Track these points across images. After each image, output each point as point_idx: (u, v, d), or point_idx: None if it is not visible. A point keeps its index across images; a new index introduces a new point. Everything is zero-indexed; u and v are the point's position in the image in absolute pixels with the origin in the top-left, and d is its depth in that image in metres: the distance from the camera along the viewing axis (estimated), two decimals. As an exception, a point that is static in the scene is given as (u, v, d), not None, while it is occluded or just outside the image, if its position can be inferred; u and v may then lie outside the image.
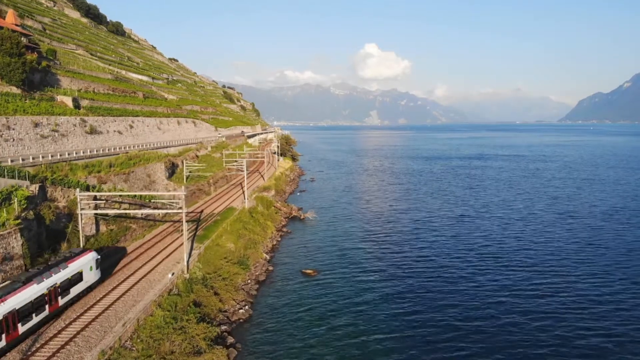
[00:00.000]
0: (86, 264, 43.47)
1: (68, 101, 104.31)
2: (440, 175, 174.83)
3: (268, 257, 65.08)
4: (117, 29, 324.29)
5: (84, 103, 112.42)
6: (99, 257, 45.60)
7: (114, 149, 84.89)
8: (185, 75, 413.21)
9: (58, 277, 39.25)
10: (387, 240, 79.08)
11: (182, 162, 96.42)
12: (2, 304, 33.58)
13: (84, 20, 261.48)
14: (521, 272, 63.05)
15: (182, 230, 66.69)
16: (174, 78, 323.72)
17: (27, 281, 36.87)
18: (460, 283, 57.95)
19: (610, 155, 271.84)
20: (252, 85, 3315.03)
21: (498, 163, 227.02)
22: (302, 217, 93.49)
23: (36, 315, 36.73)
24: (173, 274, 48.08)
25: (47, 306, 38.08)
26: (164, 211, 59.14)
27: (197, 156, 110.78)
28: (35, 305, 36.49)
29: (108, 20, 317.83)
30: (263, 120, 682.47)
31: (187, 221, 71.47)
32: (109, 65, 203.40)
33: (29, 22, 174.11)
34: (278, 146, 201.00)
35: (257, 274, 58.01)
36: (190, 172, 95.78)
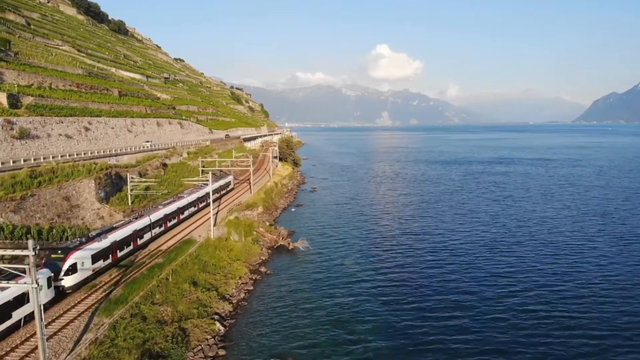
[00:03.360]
0: (230, 179, 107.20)
1: (2, 98, 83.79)
2: (460, 184, 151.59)
3: (222, 330, 42.44)
4: (119, 28, 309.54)
5: (27, 100, 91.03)
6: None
7: (10, 161, 62.76)
8: (191, 75, 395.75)
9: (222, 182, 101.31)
10: (400, 288, 56.31)
11: (140, 175, 75.16)
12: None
13: (80, 17, 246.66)
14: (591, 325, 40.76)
15: (104, 291, 44.93)
16: (176, 78, 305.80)
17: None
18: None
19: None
20: (263, 86, 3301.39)
21: (523, 168, 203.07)
22: (290, 247, 70.92)
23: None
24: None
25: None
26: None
27: (164, 165, 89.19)
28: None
29: (110, 18, 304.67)
30: (272, 121, 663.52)
31: (107, 269, 49.34)
32: (98, 62, 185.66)
33: (11, 17, 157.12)
34: (276, 150, 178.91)
35: (193, 370, 35.83)
36: (147, 188, 74.09)
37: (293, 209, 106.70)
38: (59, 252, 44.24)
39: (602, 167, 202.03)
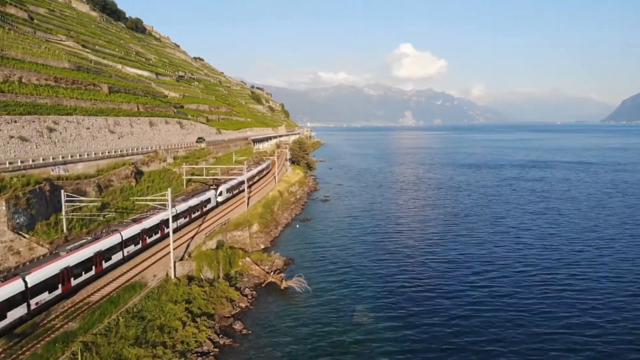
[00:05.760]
0: (268, 164, 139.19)
1: (-60, 92, 69.66)
2: (494, 192, 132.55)
3: None
4: (136, 26, 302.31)
5: (-23, 96, 77.15)
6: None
7: None
8: (210, 74, 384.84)
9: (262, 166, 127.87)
10: (427, 345, 39.63)
11: (99, 188, 59.22)
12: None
13: (94, 14, 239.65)
14: None
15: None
16: (192, 76, 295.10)
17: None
18: None
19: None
20: (285, 86, 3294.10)
21: (561, 172, 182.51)
22: (282, 286, 53.96)
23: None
24: None
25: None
26: None
27: (136, 173, 73.53)
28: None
29: (127, 16, 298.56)
30: (292, 121, 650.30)
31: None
32: (103, 58, 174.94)
33: (12, 10, 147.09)
34: (287, 152, 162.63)
35: None
36: (104, 206, 58.14)
37: (297, 225, 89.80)
38: (214, 185, 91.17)
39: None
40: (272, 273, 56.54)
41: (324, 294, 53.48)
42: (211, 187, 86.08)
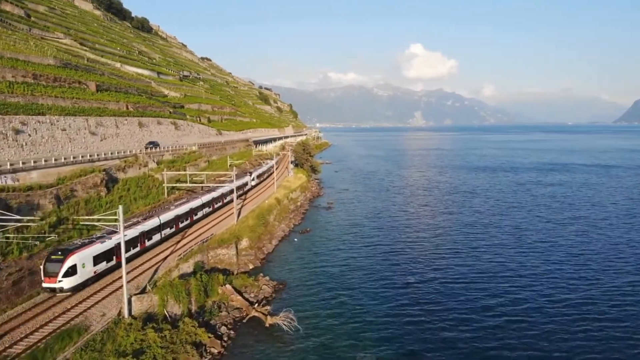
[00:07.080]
0: (270, 166, 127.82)
1: None
2: (512, 199, 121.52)
3: None
4: (142, 25, 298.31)
5: (-64, 95, 68.55)
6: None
7: None
8: (217, 74, 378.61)
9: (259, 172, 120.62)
10: None
11: (58, 201, 49.97)
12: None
13: (97, 12, 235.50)
14: None
15: None
16: (198, 76, 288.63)
17: None
18: None
19: None
20: (294, 87, 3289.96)
21: (582, 176, 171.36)
22: (267, 324, 44.19)
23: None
24: None
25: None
26: None
27: (109, 181, 64.47)
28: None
29: (133, 16, 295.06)
30: (301, 121, 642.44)
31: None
32: (102, 56, 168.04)
33: (8, 7, 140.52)
34: (289, 155, 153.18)
35: None
36: (61, 220, 48.87)
37: (296, 239, 79.95)
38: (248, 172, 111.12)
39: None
40: (257, 304, 47.01)
41: (317, 333, 43.50)
42: (246, 174, 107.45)
